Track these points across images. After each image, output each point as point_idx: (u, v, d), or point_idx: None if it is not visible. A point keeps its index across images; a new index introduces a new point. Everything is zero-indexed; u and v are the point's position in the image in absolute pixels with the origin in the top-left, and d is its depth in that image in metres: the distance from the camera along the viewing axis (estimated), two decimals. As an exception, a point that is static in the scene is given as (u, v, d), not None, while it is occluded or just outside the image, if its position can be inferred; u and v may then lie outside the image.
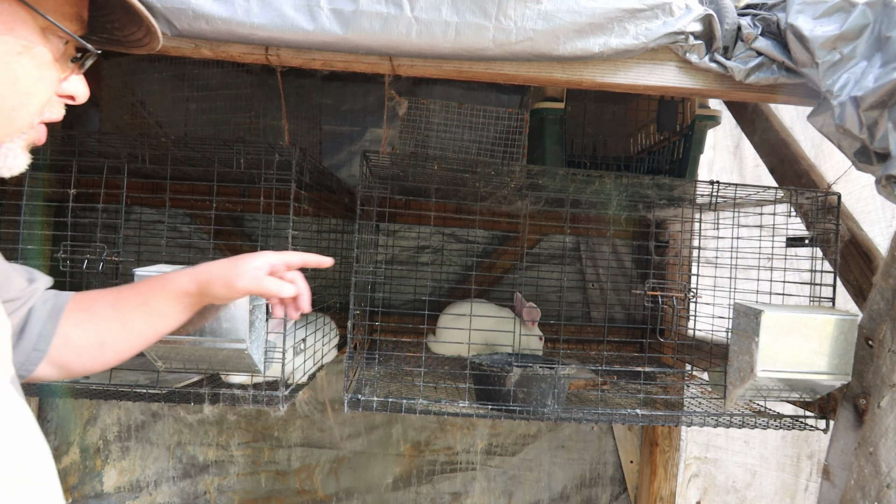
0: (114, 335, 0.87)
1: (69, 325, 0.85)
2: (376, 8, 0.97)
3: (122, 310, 0.88)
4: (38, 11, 0.60)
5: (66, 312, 0.85)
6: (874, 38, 0.95)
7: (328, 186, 1.77)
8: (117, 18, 0.70)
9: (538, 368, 1.34)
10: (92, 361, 0.88)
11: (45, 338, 0.82)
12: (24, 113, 0.63)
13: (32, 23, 0.61)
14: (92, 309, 0.87)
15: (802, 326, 1.18)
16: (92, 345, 0.86)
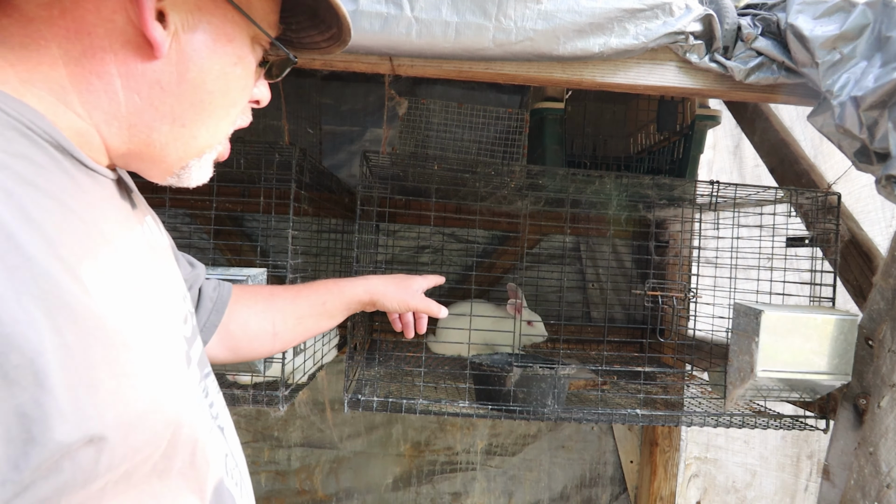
0: (287, 327, 0.99)
1: (248, 313, 0.96)
2: (376, 8, 0.97)
3: (300, 306, 1.00)
4: (256, 24, 0.62)
5: (244, 301, 0.96)
6: (874, 38, 0.95)
7: (328, 186, 1.77)
8: (297, 21, 0.70)
9: (538, 368, 1.34)
10: (262, 348, 0.98)
11: (215, 319, 0.91)
12: (228, 122, 0.65)
13: (246, 33, 0.62)
14: (271, 301, 0.98)
15: (802, 326, 1.18)
16: (266, 332, 0.97)
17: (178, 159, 0.64)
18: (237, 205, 1.97)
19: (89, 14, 0.53)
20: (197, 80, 0.59)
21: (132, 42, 0.54)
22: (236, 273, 1.20)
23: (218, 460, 0.64)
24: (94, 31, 0.53)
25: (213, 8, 0.59)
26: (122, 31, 0.54)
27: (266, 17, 0.65)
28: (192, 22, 0.57)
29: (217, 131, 0.65)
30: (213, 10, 0.59)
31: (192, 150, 0.64)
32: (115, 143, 0.59)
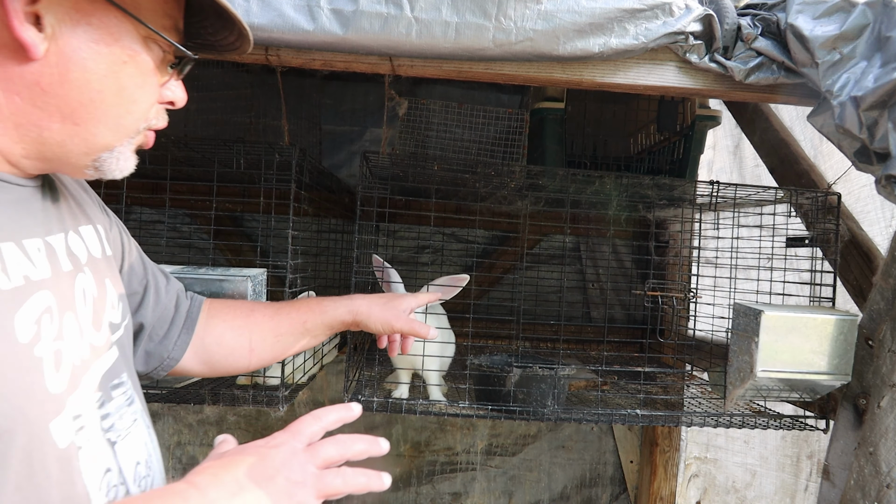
0: (265, 344, 0.98)
1: (224, 328, 0.96)
2: (376, 8, 0.97)
3: (280, 323, 0.98)
4: (141, 22, 0.62)
5: (222, 316, 0.96)
6: (874, 38, 0.95)
7: (328, 186, 1.77)
8: (210, 24, 0.72)
9: (538, 369, 1.34)
10: (237, 363, 0.97)
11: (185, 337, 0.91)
12: (131, 119, 0.65)
13: (135, 32, 0.62)
14: (249, 317, 0.97)
15: (802, 326, 1.18)
16: (242, 348, 0.96)
17: (83, 155, 0.64)
18: (237, 205, 1.97)
19: None
20: (81, 80, 0.59)
21: (8, 46, 0.55)
22: (236, 273, 1.20)
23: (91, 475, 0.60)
24: None
25: (93, 9, 0.58)
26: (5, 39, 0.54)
27: (159, 20, 0.65)
28: (70, 22, 0.57)
29: (120, 128, 0.65)
30: (94, 10, 0.58)
31: (97, 146, 0.64)
32: (7, 145, 0.59)
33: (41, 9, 0.55)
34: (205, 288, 1.16)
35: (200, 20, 0.71)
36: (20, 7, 0.53)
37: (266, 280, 1.26)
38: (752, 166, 2.20)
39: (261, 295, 1.24)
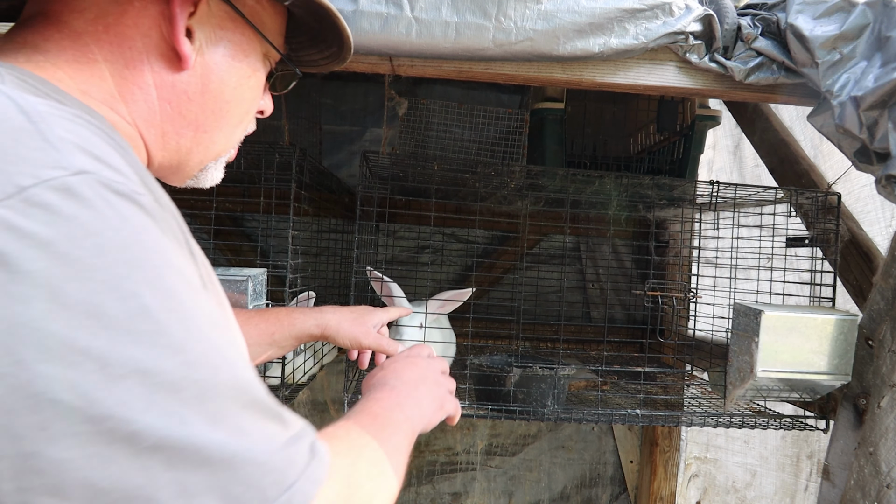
0: None
1: None
2: (376, 8, 0.97)
3: (248, 333, 0.97)
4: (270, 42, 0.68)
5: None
6: (874, 38, 0.95)
7: (328, 186, 1.77)
8: (298, 41, 0.77)
9: (538, 369, 1.34)
10: None
11: None
12: (241, 129, 0.72)
13: (259, 50, 0.69)
14: None
15: (802, 326, 1.18)
16: None
17: (198, 163, 0.70)
18: (237, 205, 1.97)
19: (129, 30, 0.58)
20: (217, 91, 0.64)
21: (165, 55, 0.60)
22: (236, 273, 1.20)
23: None
24: (134, 46, 0.58)
25: (233, 26, 0.65)
26: (156, 45, 0.59)
27: (276, 36, 0.70)
28: (214, 38, 0.63)
29: (232, 137, 0.71)
30: (234, 28, 0.65)
31: (211, 153, 0.70)
32: (153, 151, 0.64)
33: (194, 24, 0.60)
34: (205, 288, 1.16)
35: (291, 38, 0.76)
36: (183, 22, 0.59)
37: (266, 280, 1.26)
38: (752, 166, 2.20)
39: (261, 295, 1.24)
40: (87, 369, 0.36)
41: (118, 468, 0.36)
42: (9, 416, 0.35)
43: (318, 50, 0.79)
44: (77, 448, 0.36)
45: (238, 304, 1.16)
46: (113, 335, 0.38)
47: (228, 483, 0.39)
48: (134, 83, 0.59)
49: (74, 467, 0.35)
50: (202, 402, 0.40)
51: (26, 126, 0.41)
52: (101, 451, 0.36)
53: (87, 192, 0.40)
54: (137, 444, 0.37)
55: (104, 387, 0.37)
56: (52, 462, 0.35)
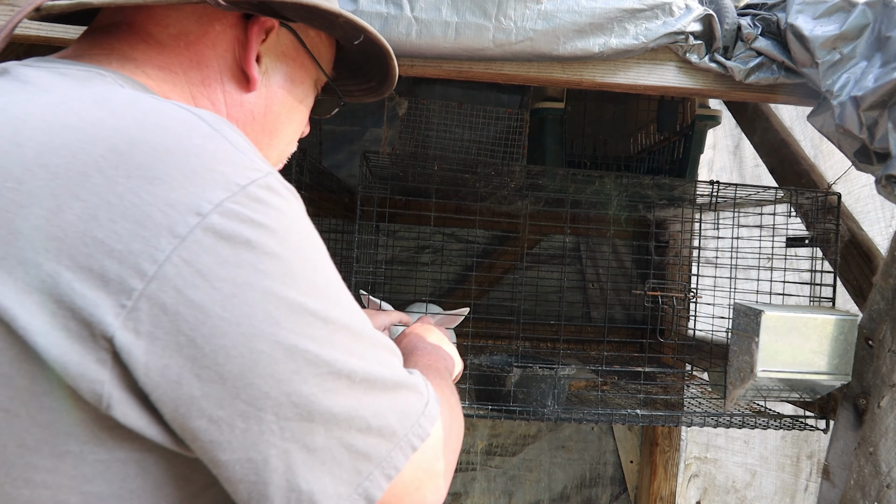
0: None
1: None
2: (376, 8, 0.97)
3: None
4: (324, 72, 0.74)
5: None
6: (874, 38, 0.95)
7: (328, 186, 1.77)
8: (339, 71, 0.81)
9: (538, 369, 1.34)
10: None
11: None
12: (288, 151, 0.76)
13: (313, 77, 0.74)
14: None
15: (802, 326, 1.18)
16: None
17: None
18: (237, 205, 1.96)
19: (207, 49, 0.62)
20: (276, 112, 0.69)
21: (236, 76, 0.64)
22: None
23: None
24: (210, 65, 0.63)
25: (295, 55, 0.70)
26: (229, 66, 0.64)
27: (327, 66, 0.76)
28: (278, 65, 0.68)
29: (281, 157, 0.76)
30: (295, 56, 0.70)
31: None
32: None
33: (263, 50, 0.65)
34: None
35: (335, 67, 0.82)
36: (256, 47, 0.64)
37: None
38: (752, 166, 2.20)
39: None
40: (318, 326, 0.47)
41: (343, 397, 0.48)
42: (274, 364, 0.44)
43: (355, 81, 0.84)
44: (319, 385, 0.46)
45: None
46: (324, 300, 0.48)
47: (398, 402, 0.52)
48: (208, 99, 0.63)
49: (318, 399, 0.46)
50: (374, 348, 0.52)
51: (213, 133, 0.47)
52: (334, 385, 0.47)
53: (279, 188, 0.48)
54: (352, 379, 0.48)
55: (329, 339, 0.47)
56: (303, 397, 0.45)
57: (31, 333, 0.40)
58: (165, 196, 0.42)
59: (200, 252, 0.42)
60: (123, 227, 0.41)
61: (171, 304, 0.41)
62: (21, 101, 0.47)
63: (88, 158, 0.43)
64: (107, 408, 0.42)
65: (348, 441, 0.48)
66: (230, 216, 0.44)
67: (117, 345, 0.41)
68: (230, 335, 0.43)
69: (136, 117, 0.45)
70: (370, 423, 0.49)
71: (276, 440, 0.45)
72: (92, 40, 0.60)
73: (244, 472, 0.45)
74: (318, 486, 0.46)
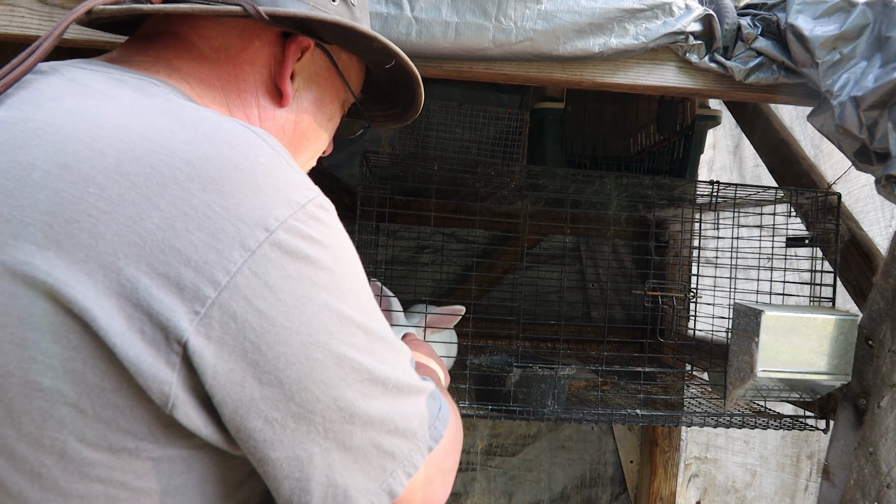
0: None
1: None
2: (376, 8, 0.97)
3: None
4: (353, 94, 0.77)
5: None
6: (874, 38, 0.95)
7: (328, 186, 1.77)
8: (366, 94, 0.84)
9: (538, 369, 1.34)
10: None
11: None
12: (308, 167, 0.79)
13: (341, 97, 0.76)
14: None
15: (802, 326, 1.18)
16: None
17: None
18: (237, 205, 1.96)
19: (245, 64, 0.64)
20: (304, 129, 0.71)
21: (270, 91, 0.66)
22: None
23: None
24: (247, 79, 0.65)
25: (327, 75, 0.72)
26: (265, 81, 0.66)
27: (356, 88, 0.78)
28: (309, 83, 0.70)
29: (304, 169, 0.77)
30: (327, 76, 0.72)
31: None
32: None
33: (297, 68, 0.68)
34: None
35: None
36: (292, 65, 0.66)
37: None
38: (752, 166, 2.20)
39: None
40: (360, 336, 0.50)
41: (378, 402, 0.51)
42: (326, 371, 0.48)
43: (380, 108, 0.87)
44: (360, 390, 0.50)
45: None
46: (366, 312, 0.52)
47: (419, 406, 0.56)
48: (244, 112, 0.65)
49: (360, 403, 0.50)
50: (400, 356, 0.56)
51: (273, 153, 0.50)
52: (371, 391, 0.51)
53: (328, 206, 0.52)
54: (386, 386, 0.52)
55: (370, 348, 0.51)
56: (347, 401, 0.49)
57: (109, 335, 0.42)
58: (236, 210, 0.45)
59: (268, 265, 0.45)
60: (199, 238, 0.44)
61: (240, 312, 0.44)
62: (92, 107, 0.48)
63: (166, 169, 0.45)
64: (171, 408, 0.44)
65: (378, 441, 0.52)
66: (293, 233, 0.47)
67: (190, 349, 0.43)
68: (291, 343, 0.46)
69: (206, 132, 0.48)
70: (397, 426, 0.53)
71: (321, 440, 0.48)
72: (138, 47, 0.62)
73: (290, 469, 0.48)
74: (352, 482, 0.50)
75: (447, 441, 0.60)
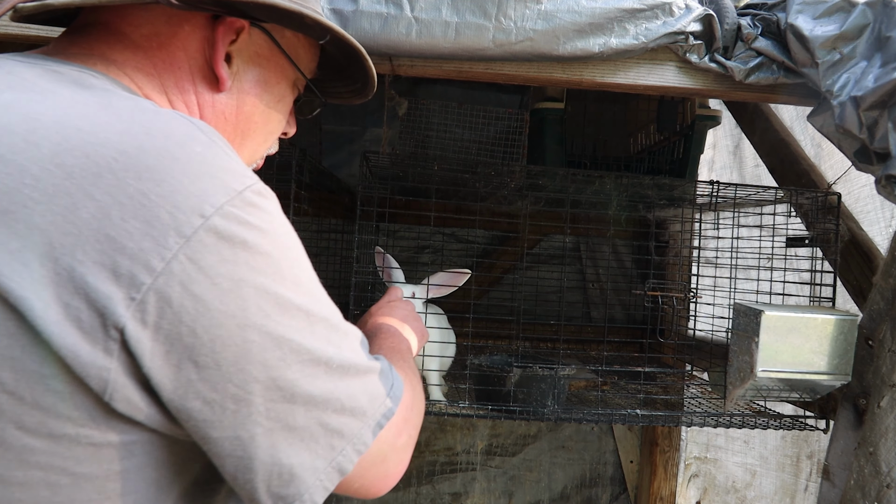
0: None
1: None
2: (376, 8, 0.97)
3: None
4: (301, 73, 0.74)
5: None
6: (874, 38, 0.95)
7: (328, 186, 1.77)
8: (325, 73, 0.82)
9: (538, 369, 1.34)
10: None
11: None
12: (263, 149, 0.77)
13: (290, 77, 0.74)
14: None
15: (802, 326, 1.18)
16: None
17: None
18: (237, 205, 1.96)
19: (178, 51, 0.63)
20: (249, 113, 0.70)
21: (207, 77, 0.65)
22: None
23: None
24: (182, 65, 0.64)
25: (269, 55, 0.70)
26: (201, 67, 0.65)
27: (308, 66, 0.76)
28: (250, 65, 0.69)
29: (254, 154, 0.76)
30: (269, 56, 0.70)
31: None
32: None
33: (234, 50, 0.66)
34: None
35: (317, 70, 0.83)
36: (224, 47, 0.65)
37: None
38: (752, 166, 2.20)
39: None
40: (301, 318, 0.51)
41: (321, 381, 0.52)
42: (263, 352, 0.48)
43: (343, 84, 0.86)
44: (300, 371, 0.51)
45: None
46: (306, 294, 0.53)
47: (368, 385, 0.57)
48: (183, 101, 0.64)
49: (300, 384, 0.51)
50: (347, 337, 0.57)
51: (210, 142, 0.51)
52: (313, 371, 0.52)
53: (267, 193, 0.53)
54: (329, 366, 0.53)
55: (311, 329, 0.52)
56: (287, 381, 0.50)
57: (46, 324, 0.43)
58: (172, 198, 0.45)
59: (203, 251, 0.46)
60: (134, 226, 0.44)
61: (176, 297, 0.45)
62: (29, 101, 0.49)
63: (101, 160, 0.45)
64: (110, 394, 0.45)
65: (325, 420, 0.53)
66: (229, 218, 0.47)
67: (127, 334, 0.44)
68: (226, 326, 0.47)
69: (142, 123, 0.48)
70: (344, 405, 0.54)
71: (262, 420, 0.49)
72: (71, 40, 0.62)
73: (232, 448, 0.49)
74: (298, 460, 0.51)
75: (399, 418, 0.61)
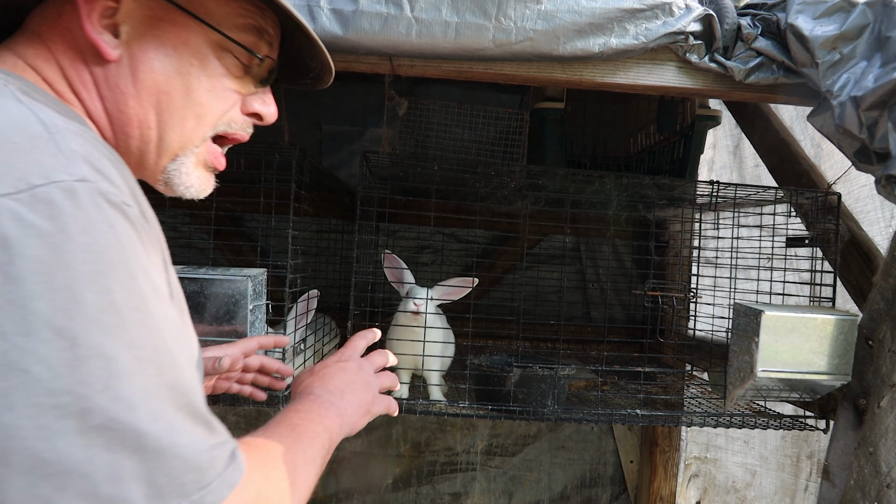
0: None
1: None
2: (376, 8, 0.97)
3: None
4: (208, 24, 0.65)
5: None
6: (874, 38, 0.95)
7: (328, 186, 1.77)
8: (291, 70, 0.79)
9: (538, 369, 1.34)
10: None
11: None
12: (197, 124, 0.68)
13: (206, 38, 0.66)
14: None
15: (802, 326, 1.18)
16: None
17: (154, 164, 0.68)
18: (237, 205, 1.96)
19: (66, 31, 0.61)
20: (149, 80, 0.63)
21: (88, 51, 0.61)
22: (236, 273, 1.20)
23: None
24: (72, 45, 0.61)
25: (164, 15, 0.64)
26: (87, 43, 0.61)
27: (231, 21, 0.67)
28: (143, 29, 0.63)
29: (185, 133, 0.67)
30: (165, 16, 0.64)
31: (165, 153, 0.67)
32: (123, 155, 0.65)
33: (119, 19, 0.62)
34: (205, 287, 1.16)
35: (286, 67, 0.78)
36: (95, 17, 0.60)
37: (266, 280, 1.26)
38: (752, 166, 2.20)
39: (261, 295, 1.24)
40: (59, 346, 0.41)
41: (63, 442, 0.40)
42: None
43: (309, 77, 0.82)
44: (30, 418, 0.39)
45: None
46: (85, 320, 0.42)
47: (155, 472, 0.43)
48: (81, 84, 0.61)
49: (23, 435, 0.39)
50: (147, 395, 0.44)
51: (44, 135, 0.46)
52: (52, 423, 0.40)
53: (85, 197, 0.44)
54: (86, 421, 0.41)
55: (70, 364, 0.41)
56: (3, 427, 0.39)
57: None
58: None
59: None
60: None
61: None
62: None
63: None
64: None
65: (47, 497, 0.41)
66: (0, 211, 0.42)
67: None
68: None
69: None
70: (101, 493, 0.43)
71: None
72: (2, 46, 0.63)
73: None
74: None
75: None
